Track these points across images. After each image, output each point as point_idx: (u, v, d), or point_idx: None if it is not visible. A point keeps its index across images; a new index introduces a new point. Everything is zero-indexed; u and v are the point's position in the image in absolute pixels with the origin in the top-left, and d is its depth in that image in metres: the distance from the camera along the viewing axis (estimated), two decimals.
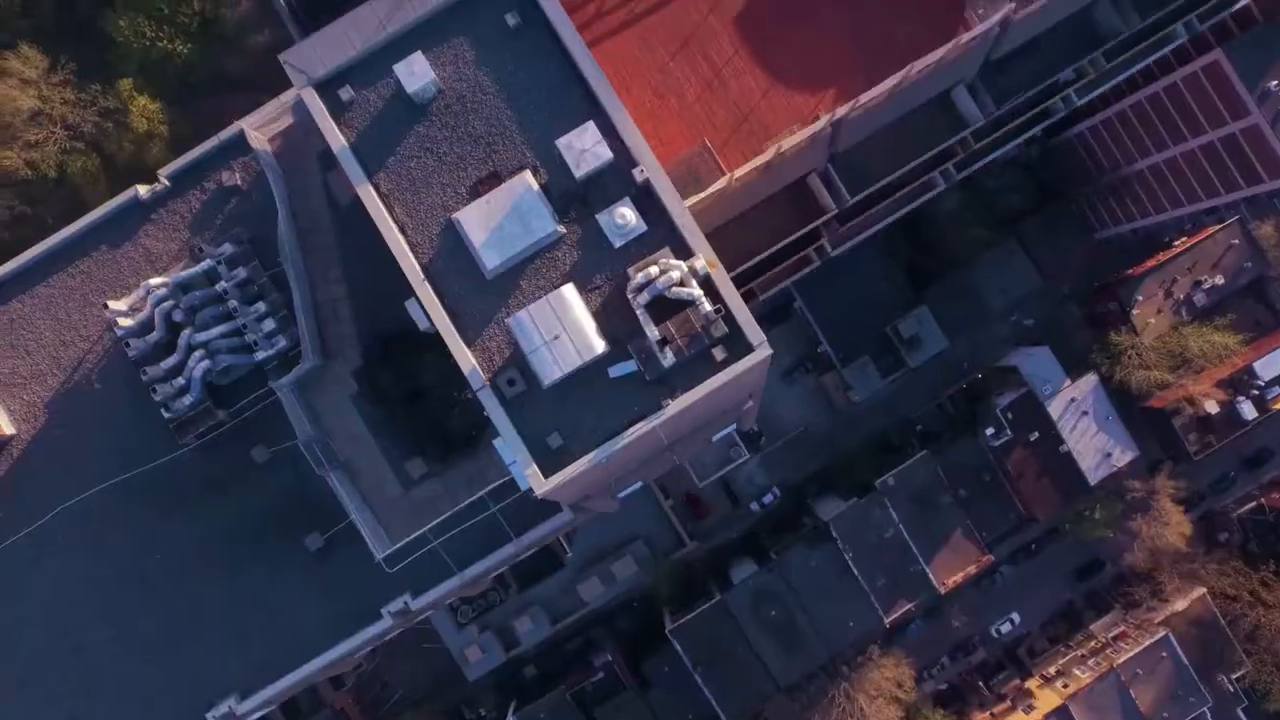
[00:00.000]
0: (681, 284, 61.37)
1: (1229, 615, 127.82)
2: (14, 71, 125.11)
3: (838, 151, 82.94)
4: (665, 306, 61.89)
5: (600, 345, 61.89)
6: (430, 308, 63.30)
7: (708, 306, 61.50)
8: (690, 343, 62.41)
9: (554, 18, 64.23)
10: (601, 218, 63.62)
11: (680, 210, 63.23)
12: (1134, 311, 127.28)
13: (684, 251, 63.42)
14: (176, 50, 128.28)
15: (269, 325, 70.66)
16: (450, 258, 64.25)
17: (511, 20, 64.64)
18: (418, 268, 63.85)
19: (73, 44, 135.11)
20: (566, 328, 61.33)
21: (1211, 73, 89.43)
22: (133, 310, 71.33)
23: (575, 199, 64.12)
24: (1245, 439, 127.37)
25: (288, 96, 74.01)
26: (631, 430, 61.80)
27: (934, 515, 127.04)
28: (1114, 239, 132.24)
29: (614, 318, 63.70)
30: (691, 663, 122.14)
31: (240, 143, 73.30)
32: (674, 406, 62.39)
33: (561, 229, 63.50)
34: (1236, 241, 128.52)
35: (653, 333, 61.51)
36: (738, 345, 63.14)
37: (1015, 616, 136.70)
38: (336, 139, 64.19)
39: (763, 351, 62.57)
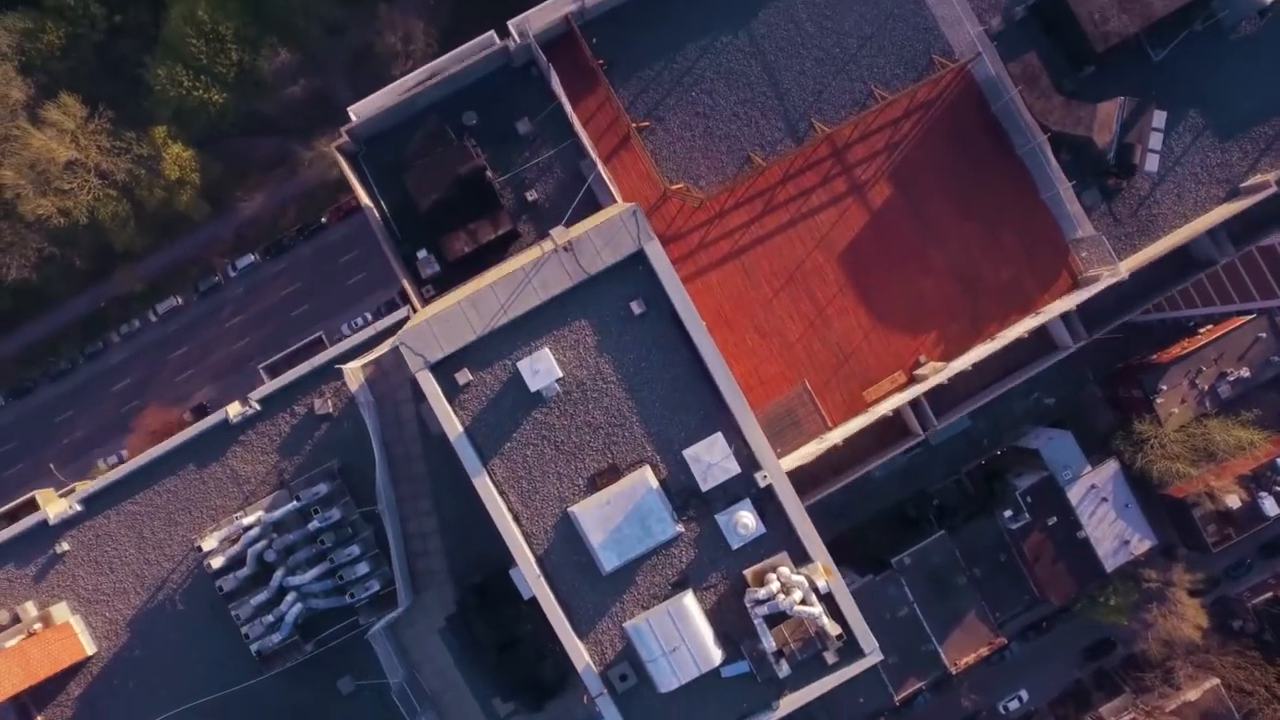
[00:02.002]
0: (804, 602, 61.40)
1: (1243, 709, 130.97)
2: (54, 122, 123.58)
3: None
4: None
5: (718, 656, 62.23)
6: (544, 600, 63.14)
7: (827, 624, 61.66)
8: (804, 647, 62.75)
9: (681, 310, 62.83)
10: (721, 519, 63.28)
11: (801, 518, 63.06)
12: (1158, 400, 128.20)
13: (801, 556, 63.22)
14: (212, 99, 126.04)
15: (362, 569, 69.98)
16: (565, 550, 63.79)
17: (637, 308, 63.25)
18: (532, 560, 63.26)
19: (109, 82, 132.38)
20: (686, 639, 61.38)
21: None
22: (223, 543, 70.09)
23: (695, 497, 63.76)
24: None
25: (384, 323, 72.32)
26: None
27: (948, 595, 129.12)
28: (1139, 322, 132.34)
29: (728, 616, 63.88)
30: None
31: (331, 370, 71.31)
32: (785, 707, 62.92)
33: (680, 528, 63.05)
34: (1264, 335, 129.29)
35: (769, 644, 61.93)
36: (850, 650, 63.49)
37: (1023, 694, 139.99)
38: (452, 426, 62.93)
39: (874, 658, 63.07)
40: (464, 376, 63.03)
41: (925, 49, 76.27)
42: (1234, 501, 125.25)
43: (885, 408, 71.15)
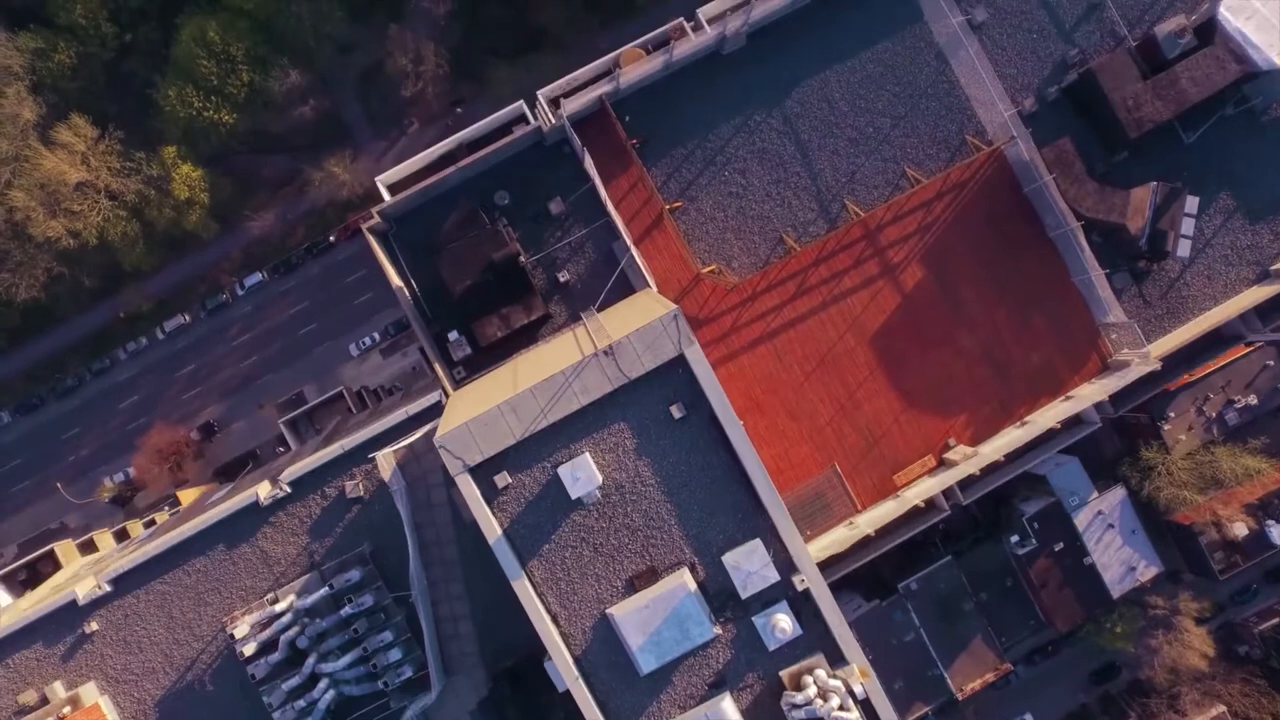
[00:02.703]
0: (841, 708, 61.86)
1: None
2: (64, 143, 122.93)
3: None
4: None
5: None
6: (581, 700, 63.53)
7: None
8: None
9: (721, 415, 62.76)
10: (758, 621, 63.62)
11: (838, 620, 63.42)
12: (1165, 426, 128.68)
13: (837, 657, 63.64)
14: (223, 120, 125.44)
15: (395, 654, 70.25)
16: (603, 651, 64.03)
17: (677, 412, 63.15)
18: (570, 661, 63.50)
19: (119, 99, 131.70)
20: None
21: None
22: (255, 628, 70.20)
23: (732, 599, 64.00)
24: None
25: (415, 407, 72.20)
26: None
27: (955, 620, 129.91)
28: None
29: (764, 717, 64.17)
30: None
31: (361, 453, 71.26)
32: None
33: (718, 630, 63.36)
34: (1271, 363, 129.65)
35: None
36: None
37: (1028, 717, 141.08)
38: (491, 529, 62.94)
39: None
40: (503, 480, 62.92)
41: (958, 129, 75.96)
42: (1241, 530, 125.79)
43: (916, 497, 71.33)
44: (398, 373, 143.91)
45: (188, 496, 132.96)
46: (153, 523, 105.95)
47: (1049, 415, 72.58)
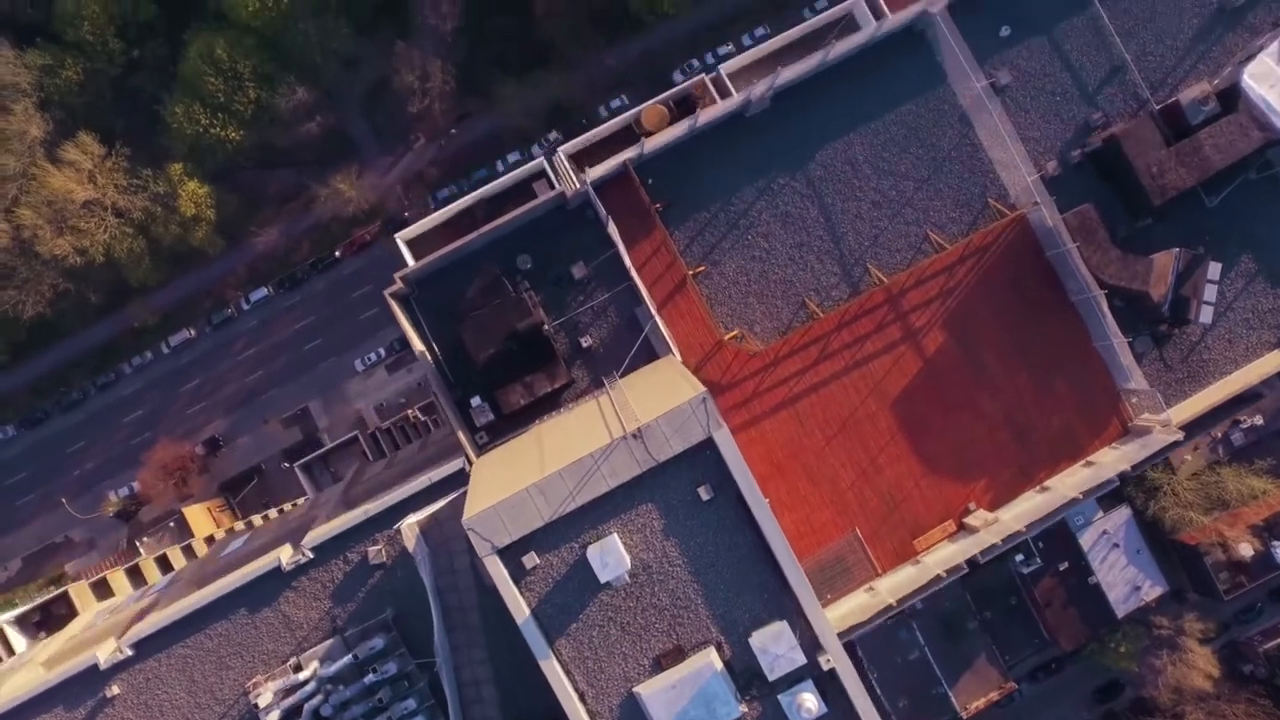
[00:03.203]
0: None
1: None
2: (72, 161, 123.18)
3: None
4: None
5: None
6: None
7: None
8: None
9: (749, 497, 63.08)
10: (784, 699, 64.23)
11: (863, 699, 63.95)
12: None
13: None
14: (229, 136, 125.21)
15: None
16: None
17: (705, 494, 63.43)
18: None
19: (125, 114, 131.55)
20: None
21: None
22: (278, 696, 70.48)
23: (758, 678, 64.42)
24: None
25: (439, 474, 72.27)
26: None
27: (959, 640, 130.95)
28: None
29: None
30: None
31: (384, 519, 71.44)
32: None
33: (744, 708, 63.86)
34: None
35: None
36: None
37: None
38: (519, 609, 63.30)
39: None
40: (531, 560, 63.16)
41: (981, 192, 75.90)
42: (1246, 550, 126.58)
43: (937, 565, 71.71)
44: (403, 388, 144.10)
45: (193, 514, 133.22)
46: (166, 562, 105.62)
47: (1070, 482, 72.78)
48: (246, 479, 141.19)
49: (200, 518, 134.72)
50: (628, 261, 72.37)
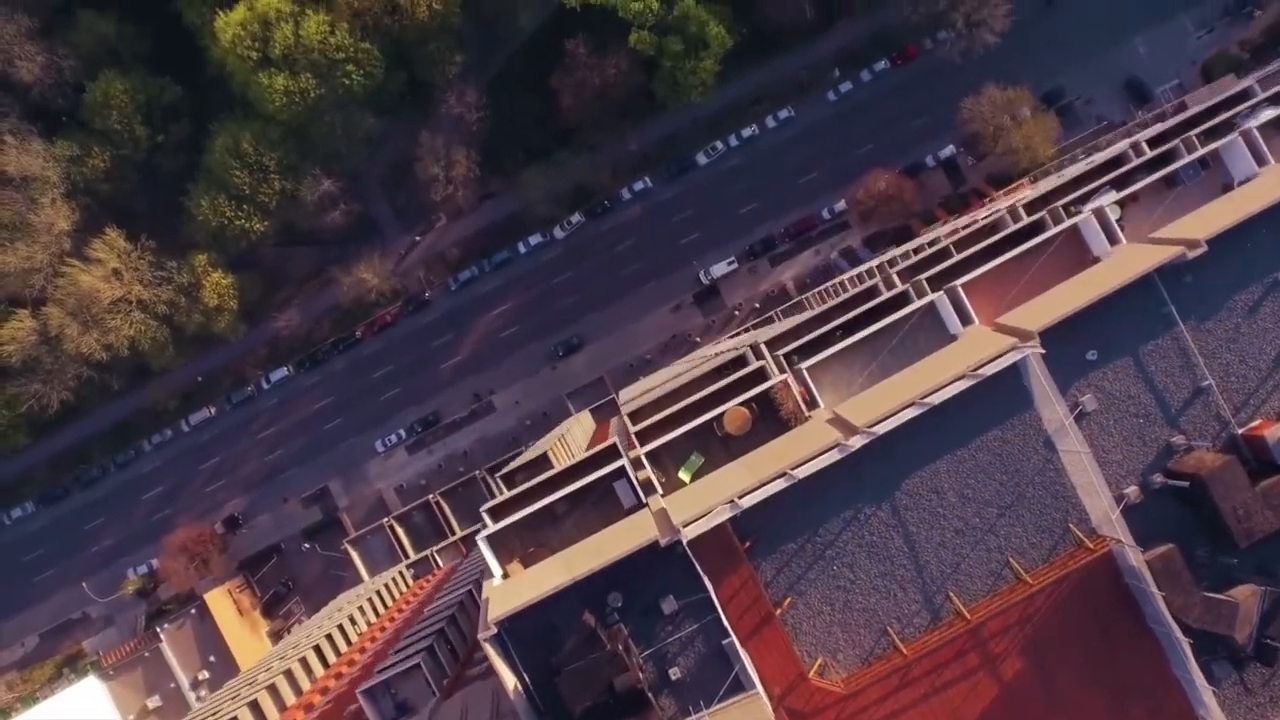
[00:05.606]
0: None
1: None
2: (99, 258, 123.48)
3: None
4: None
5: None
6: None
7: None
8: None
9: None
10: None
11: None
12: None
13: None
14: (254, 227, 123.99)
15: None
16: None
17: None
18: None
19: (149, 195, 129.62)
20: None
21: None
22: None
23: None
24: None
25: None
26: None
27: None
28: None
29: None
30: None
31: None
32: None
33: None
34: None
35: None
36: None
37: None
38: None
39: None
40: None
41: (1062, 518, 76.38)
42: None
43: None
44: (424, 469, 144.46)
45: (214, 600, 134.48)
46: None
47: None
48: (265, 557, 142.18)
49: (222, 604, 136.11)
50: (715, 597, 72.81)
